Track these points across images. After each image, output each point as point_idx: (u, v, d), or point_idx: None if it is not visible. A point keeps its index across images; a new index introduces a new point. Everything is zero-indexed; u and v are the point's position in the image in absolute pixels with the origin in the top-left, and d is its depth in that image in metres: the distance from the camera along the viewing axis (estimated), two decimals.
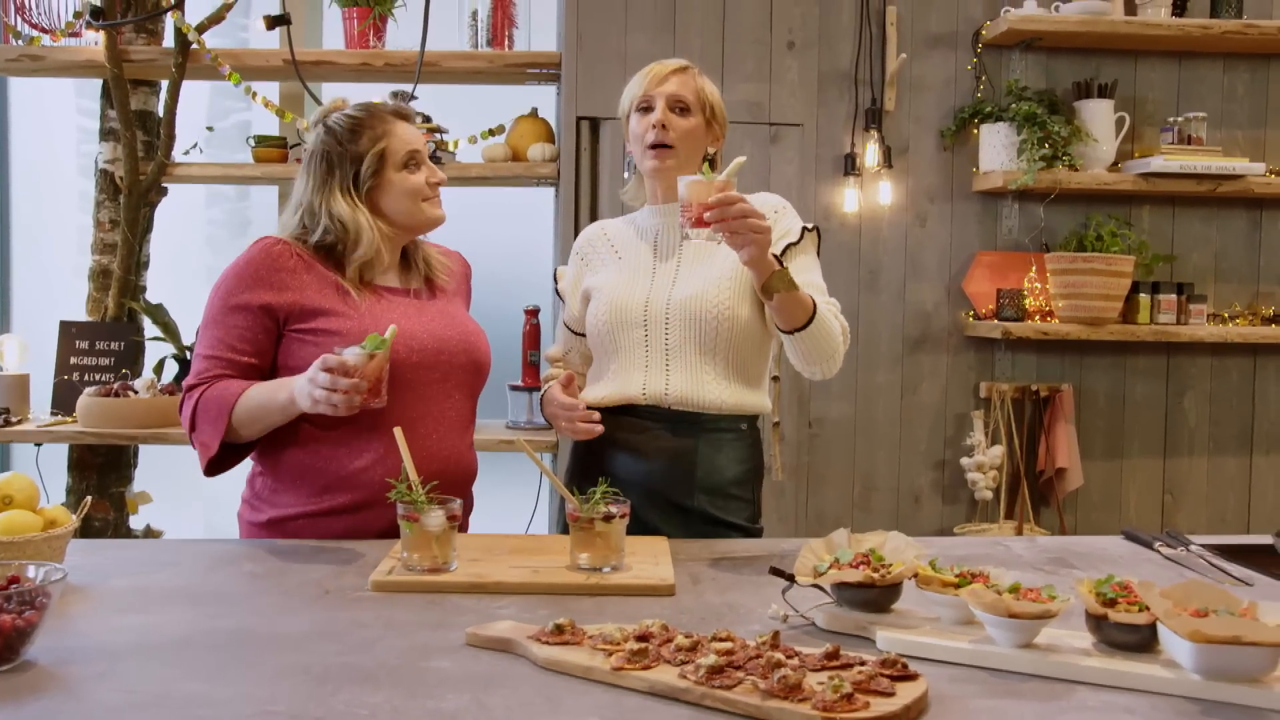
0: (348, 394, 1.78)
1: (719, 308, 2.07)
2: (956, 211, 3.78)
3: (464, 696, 1.24)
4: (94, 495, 3.61)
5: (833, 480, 3.76)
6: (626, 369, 2.12)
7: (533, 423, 3.65)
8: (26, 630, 1.31)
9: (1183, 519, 3.83)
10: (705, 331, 2.08)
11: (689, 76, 2.15)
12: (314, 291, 2.01)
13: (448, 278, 2.19)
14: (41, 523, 1.67)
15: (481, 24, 3.64)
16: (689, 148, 2.13)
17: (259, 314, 1.98)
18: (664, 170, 2.13)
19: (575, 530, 1.75)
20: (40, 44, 3.58)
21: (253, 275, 1.99)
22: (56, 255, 4.19)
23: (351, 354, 1.81)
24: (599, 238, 2.29)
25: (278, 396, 1.91)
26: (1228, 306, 3.84)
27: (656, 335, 2.10)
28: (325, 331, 1.96)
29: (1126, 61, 3.79)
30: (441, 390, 2.05)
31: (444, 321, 2.09)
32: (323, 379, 1.79)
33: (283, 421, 1.95)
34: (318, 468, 2.00)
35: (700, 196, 1.83)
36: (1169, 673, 1.29)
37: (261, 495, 2.06)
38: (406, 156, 2.05)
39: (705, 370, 2.10)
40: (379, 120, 2.06)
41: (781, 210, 2.18)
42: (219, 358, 1.99)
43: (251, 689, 1.26)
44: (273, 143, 3.66)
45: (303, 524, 2.01)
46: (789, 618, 1.54)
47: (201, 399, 1.97)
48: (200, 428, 1.97)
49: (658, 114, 2.10)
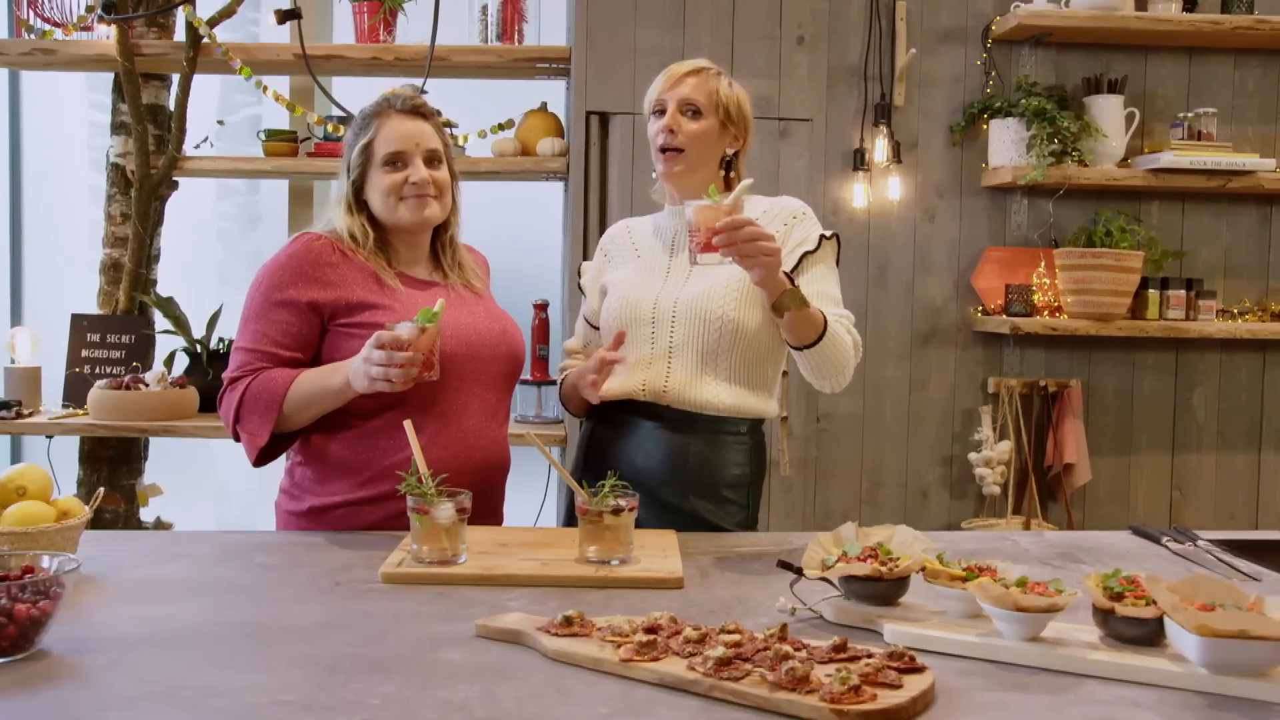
0: (404, 368, 1.80)
1: (723, 310, 2.07)
2: (965, 207, 3.77)
3: (474, 687, 1.25)
4: (105, 487, 3.60)
5: (841, 475, 3.76)
6: (631, 365, 2.13)
7: (541, 417, 3.66)
8: (41, 620, 1.32)
9: (1191, 515, 3.82)
10: (708, 333, 2.07)
11: (704, 78, 2.14)
12: (357, 286, 2.02)
13: (474, 276, 2.21)
14: (55, 514, 1.68)
15: (491, 18, 3.64)
16: (699, 150, 2.12)
17: (305, 310, 2.00)
18: (673, 174, 2.14)
19: (584, 523, 1.76)
20: (52, 38, 3.60)
21: (296, 271, 2.01)
22: (68, 248, 4.21)
23: (404, 328, 1.83)
24: (623, 235, 2.31)
25: (332, 381, 1.93)
26: (1237, 302, 3.83)
27: (662, 333, 2.11)
28: (372, 325, 1.95)
29: (1136, 57, 3.78)
30: (482, 381, 2.07)
31: (484, 313, 2.12)
32: (378, 355, 1.81)
33: (336, 405, 1.97)
34: (362, 459, 2.01)
35: (708, 220, 1.82)
36: (1176, 666, 1.29)
37: (302, 485, 2.07)
38: (388, 155, 2.05)
39: (706, 370, 2.09)
40: (380, 115, 2.08)
41: (801, 217, 2.16)
42: (262, 351, 2.00)
43: (263, 679, 1.27)
44: (283, 137, 3.66)
45: (343, 513, 2.02)
46: (797, 610, 1.54)
47: (248, 390, 1.98)
48: (246, 419, 1.99)
49: (667, 118, 2.11)
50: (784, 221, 2.15)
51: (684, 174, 2.13)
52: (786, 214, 2.16)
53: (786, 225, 2.15)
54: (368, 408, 1.98)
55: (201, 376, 3.53)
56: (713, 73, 2.16)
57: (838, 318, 2.05)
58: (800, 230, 2.14)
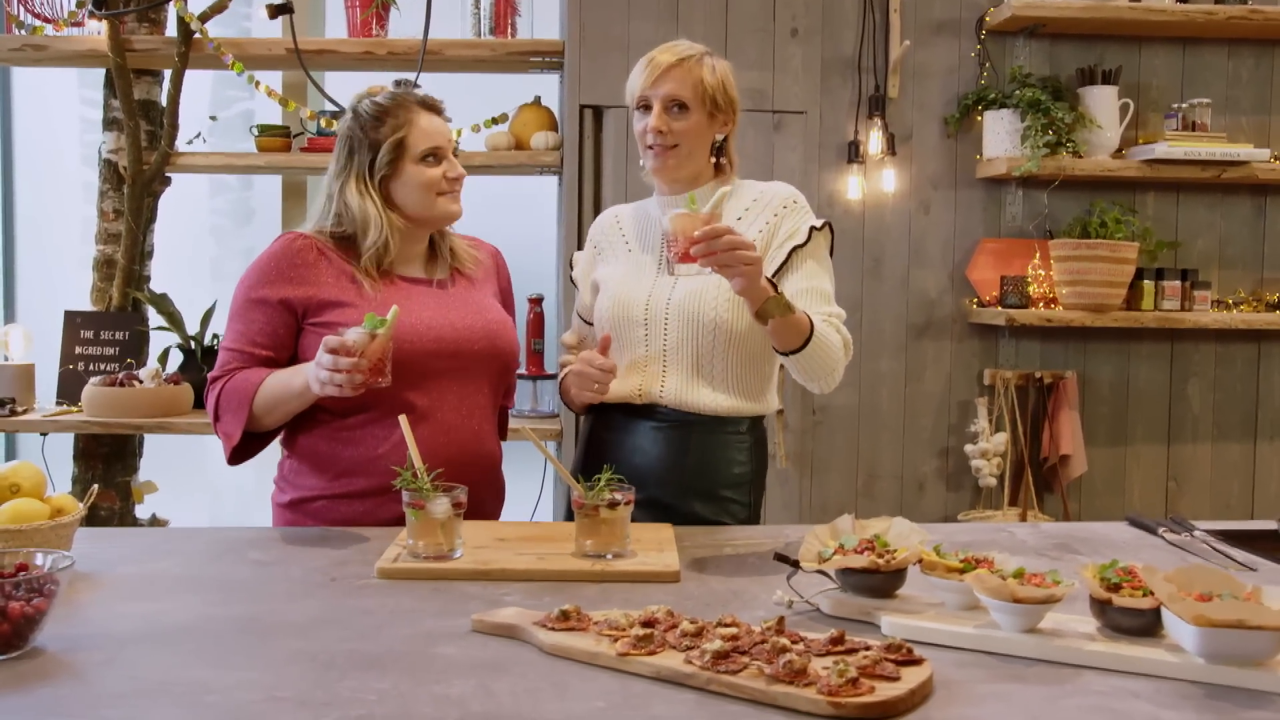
0: (349, 373, 1.79)
1: (715, 312, 2.03)
2: (960, 199, 3.77)
3: (470, 682, 1.25)
4: (100, 485, 3.61)
5: (837, 468, 3.76)
6: (626, 367, 2.11)
7: (537, 411, 3.65)
8: (35, 617, 1.31)
9: (1186, 505, 3.83)
10: (702, 335, 2.05)
11: (687, 68, 2.06)
12: (330, 285, 2.03)
13: (475, 268, 2.19)
14: (49, 511, 1.67)
15: (484, 12, 3.63)
16: (691, 143, 2.08)
17: (278, 308, 2.01)
18: (665, 169, 2.10)
19: (580, 517, 1.76)
20: (43, 34, 3.58)
21: (274, 270, 2.02)
22: (61, 245, 4.19)
23: (352, 334, 1.82)
24: (612, 226, 2.27)
25: (294, 383, 1.95)
26: (1232, 293, 3.83)
27: (655, 335, 2.08)
28: (339, 324, 1.95)
29: (1130, 47, 3.78)
30: (462, 379, 2.06)
31: (466, 311, 2.10)
32: (326, 360, 1.81)
33: (301, 407, 1.99)
34: (336, 453, 2.03)
35: (686, 229, 1.78)
36: (1173, 657, 1.29)
37: (287, 477, 2.11)
38: (426, 150, 2.05)
39: (702, 375, 2.07)
40: (404, 109, 2.06)
41: (791, 206, 2.11)
42: (239, 351, 2.03)
43: (258, 675, 1.26)
44: (276, 132, 3.65)
45: (321, 506, 2.04)
46: (794, 603, 1.54)
47: (223, 390, 2.01)
48: (223, 418, 2.02)
49: (654, 119, 2.06)
50: (774, 211, 2.10)
51: (675, 168, 2.10)
52: (777, 203, 2.11)
53: (776, 215, 2.09)
54: (338, 406, 1.99)
55: (196, 373, 3.52)
56: (694, 60, 2.07)
57: (826, 317, 2.00)
58: (790, 221, 2.09)
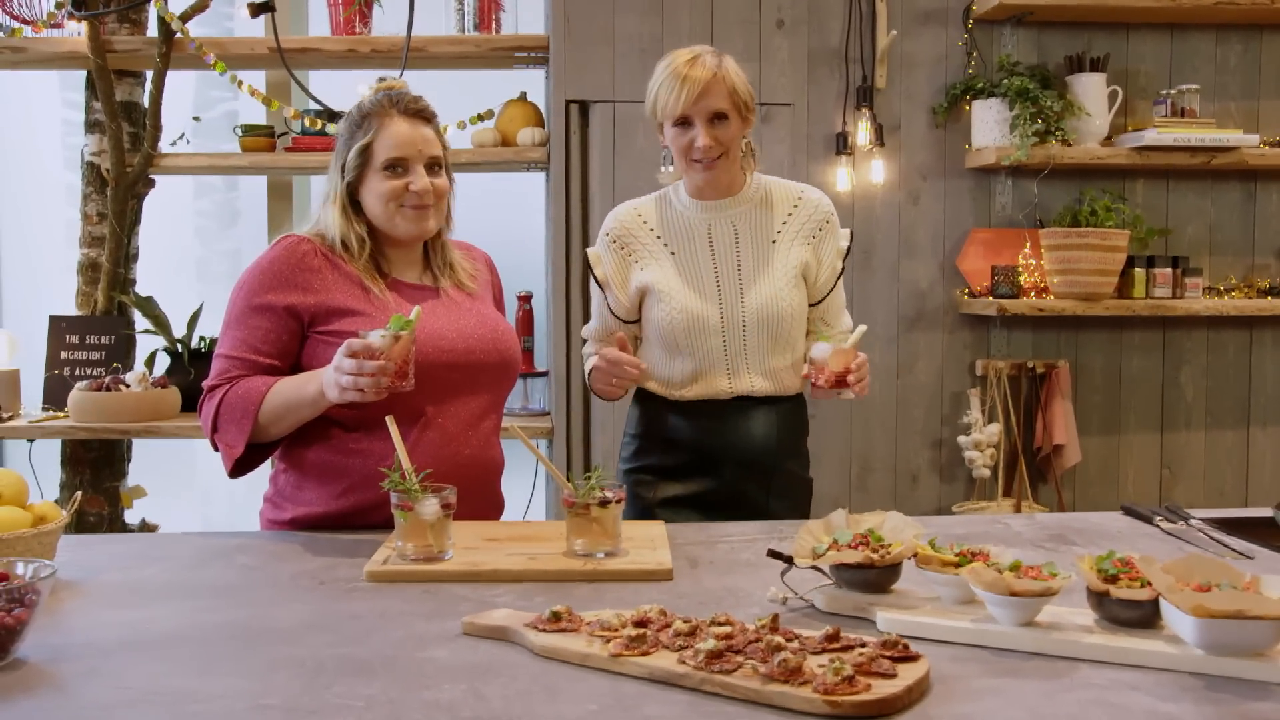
0: (374, 376, 1.74)
1: (792, 310, 2.21)
2: (950, 189, 3.76)
3: (460, 686, 1.23)
4: (88, 490, 3.59)
5: (829, 461, 3.74)
6: (707, 371, 2.21)
7: (527, 409, 3.63)
8: (16, 628, 1.29)
9: (1181, 493, 3.83)
10: (781, 335, 2.21)
11: (720, 79, 2.12)
12: (339, 292, 1.97)
13: (472, 275, 2.15)
14: (31, 519, 1.64)
15: (468, 7, 3.60)
16: (734, 149, 2.19)
17: (283, 315, 1.95)
18: (717, 180, 2.21)
19: (571, 516, 1.74)
20: (22, 35, 3.54)
21: (277, 275, 1.96)
22: (44, 249, 4.16)
23: (376, 336, 1.77)
24: (638, 225, 2.27)
25: (306, 390, 1.88)
26: (1223, 279, 3.83)
27: (734, 341, 2.20)
28: (349, 332, 1.88)
29: (1118, 34, 3.77)
30: (469, 388, 2.02)
31: (472, 319, 2.06)
32: (348, 364, 1.75)
33: (312, 415, 1.91)
34: (343, 466, 1.96)
35: (837, 364, 2.08)
36: (1172, 648, 1.28)
37: (285, 493, 2.03)
38: (389, 159, 1.98)
39: (782, 365, 2.24)
40: (381, 114, 2.00)
41: (832, 222, 2.29)
42: (240, 358, 1.95)
43: (244, 683, 1.24)
44: (260, 132, 3.62)
45: (326, 524, 1.97)
46: (788, 600, 1.53)
47: (224, 399, 1.93)
48: (224, 429, 1.94)
49: (702, 138, 2.13)
50: (818, 225, 2.27)
51: (723, 175, 2.20)
52: (819, 217, 2.27)
53: (821, 231, 2.27)
54: (348, 417, 1.94)
55: (183, 376, 3.49)
56: (721, 68, 2.14)
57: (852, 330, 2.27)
58: (830, 241, 2.28)
